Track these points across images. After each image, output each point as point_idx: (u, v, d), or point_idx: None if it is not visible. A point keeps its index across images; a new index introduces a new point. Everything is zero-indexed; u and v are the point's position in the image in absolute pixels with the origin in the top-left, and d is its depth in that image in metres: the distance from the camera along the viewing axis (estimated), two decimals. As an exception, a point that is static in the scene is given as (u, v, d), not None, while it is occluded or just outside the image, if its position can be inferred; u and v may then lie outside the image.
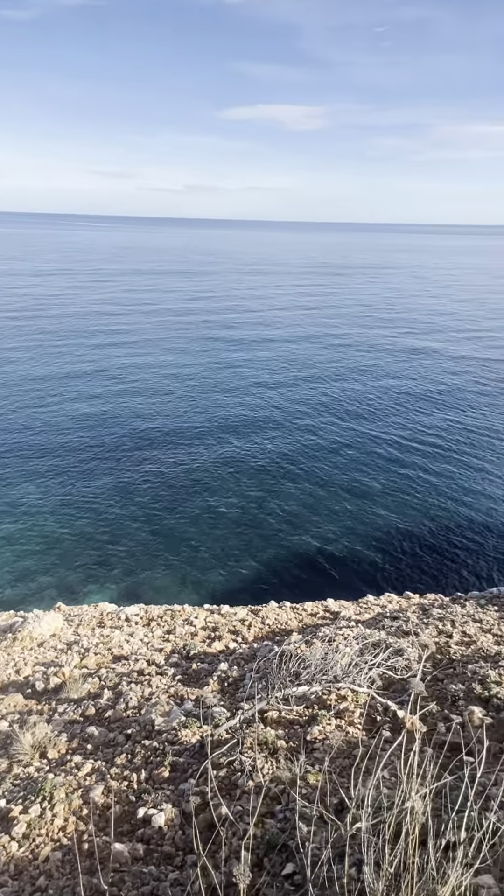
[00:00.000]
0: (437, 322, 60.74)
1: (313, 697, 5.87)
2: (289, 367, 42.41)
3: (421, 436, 28.95)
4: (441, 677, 6.17)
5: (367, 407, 33.48)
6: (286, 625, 10.81)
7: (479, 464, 25.64)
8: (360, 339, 51.77)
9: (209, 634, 10.35)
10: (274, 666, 6.32)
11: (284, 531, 20.99)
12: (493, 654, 6.49)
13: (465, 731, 5.12)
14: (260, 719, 5.53)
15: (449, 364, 43.63)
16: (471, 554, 18.94)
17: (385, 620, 8.61)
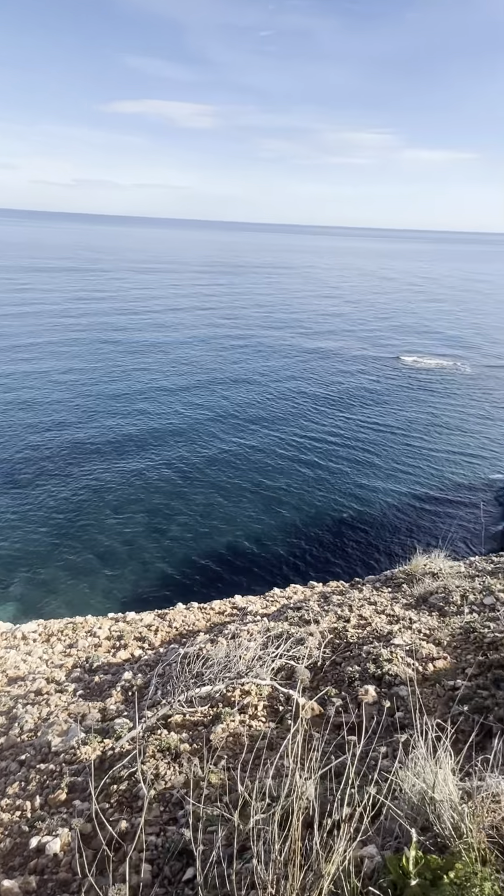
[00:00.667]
0: (330, 323, 63.46)
1: (217, 696, 5.87)
2: (187, 370, 42.18)
3: (317, 435, 30.10)
4: (339, 661, 6.43)
5: (266, 408, 34.18)
6: (194, 626, 10.74)
7: (371, 458, 27.18)
8: (258, 340, 52.72)
9: (114, 644, 10.01)
10: (177, 669, 6.25)
11: (192, 534, 20.88)
12: (386, 633, 6.88)
13: (360, 709, 5.38)
14: (163, 725, 5.44)
15: (343, 364, 45.77)
16: (367, 541, 20.05)
17: (289, 612, 8.83)
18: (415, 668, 5.83)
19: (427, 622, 7.29)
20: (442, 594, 8.24)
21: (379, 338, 56.80)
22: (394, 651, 6.19)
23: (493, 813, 2.58)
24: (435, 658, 6.03)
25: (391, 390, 38.49)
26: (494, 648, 5.89)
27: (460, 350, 54.14)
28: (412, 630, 7.02)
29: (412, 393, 37.94)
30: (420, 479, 24.78)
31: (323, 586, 13.15)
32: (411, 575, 9.76)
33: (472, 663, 5.77)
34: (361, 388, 39.12)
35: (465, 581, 8.71)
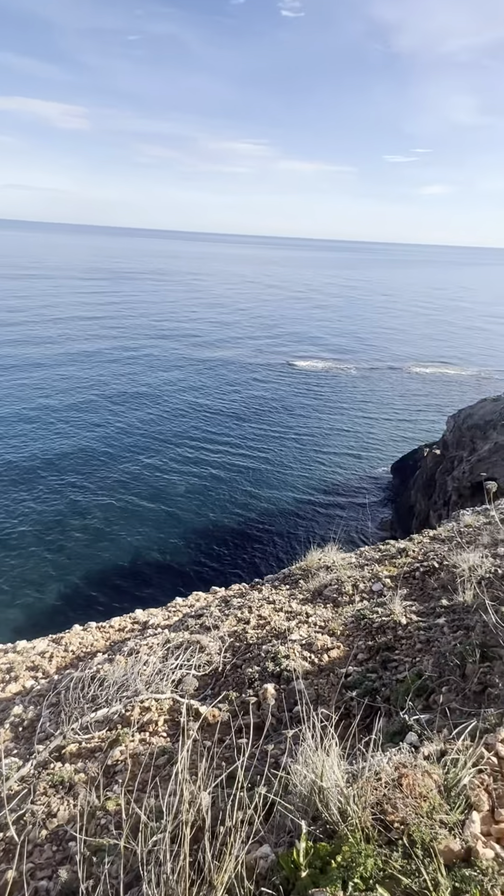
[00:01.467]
0: (220, 331, 64.15)
1: (116, 717, 5.64)
2: (70, 386, 40.45)
3: (214, 444, 30.28)
4: (240, 663, 6.46)
5: (159, 421, 33.76)
6: (92, 647, 10.25)
7: (267, 463, 27.88)
8: (147, 352, 51.91)
9: (3, 678, 9.26)
10: (71, 695, 5.91)
11: (89, 550, 20.00)
12: (284, 630, 7.03)
13: (261, 709, 5.44)
14: (57, 758, 5.11)
15: (234, 373, 46.51)
16: (267, 542, 20.50)
17: (189, 620, 8.73)
18: (311, 661, 6.01)
19: (322, 614, 7.56)
20: (335, 586, 8.60)
21: (268, 345, 58.45)
22: (291, 647, 6.34)
23: (376, 790, 2.71)
24: (329, 648, 6.27)
25: (282, 396, 39.75)
26: (382, 632, 6.25)
27: (344, 353, 57.34)
28: (308, 624, 7.25)
29: (302, 397, 39.48)
30: (313, 478, 25.84)
31: (225, 591, 13.17)
32: (307, 570, 10.09)
33: (362, 649, 6.07)
34: (253, 395, 39.98)
35: (356, 571, 9.17)
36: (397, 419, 39.30)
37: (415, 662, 5.11)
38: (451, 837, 2.47)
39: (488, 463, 29.01)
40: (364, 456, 29.65)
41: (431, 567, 8.20)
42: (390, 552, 9.85)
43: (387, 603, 7.13)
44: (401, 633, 6.05)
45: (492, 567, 7.03)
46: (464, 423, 33.40)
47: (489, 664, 4.16)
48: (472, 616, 5.27)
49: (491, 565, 7.14)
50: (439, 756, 3.06)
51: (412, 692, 4.16)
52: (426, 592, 7.48)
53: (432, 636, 5.64)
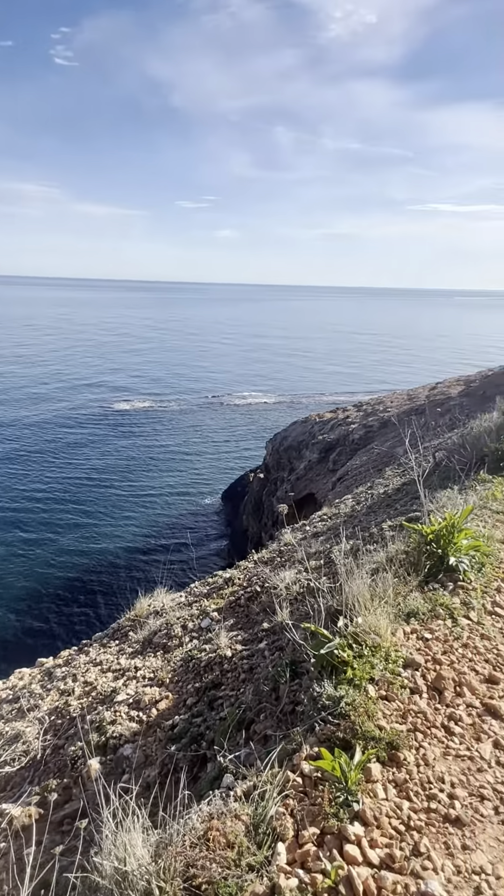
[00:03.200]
0: (31, 382, 60.08)
1: None
2: None
3: (31, 498, 27.94)
4: (61, 744, 5.84)
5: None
6: None
7: (90, 513, 26.55)
8: None
9: None
10: None
11: None
12: (111, 692, 6.57)
13: (86, 790, 4.94)
14: None
15: (53, 423, 43.78)
16: (98, 597, 19.35)
17: (3, 707, 7.69)
18: (139, 720, 5.68)
19: (152, 664, 7.26)
20: (165, 630, 8.36)
21: (82, 392, 56.35)
22: (118, 710, 5.93)
23: (183, 854, 2.57)
24: (158, 700, 6.00)
25: (102, 441, 38.46)
26: (209, 670, 6.19)
27: (161, 392, 57.89)
28: (137, 679, 6.88)
29: (123, 440, 38.68)
30: (144, 520, 25.25)
31: (53, 660, 11.98)
32: (136, 619, 9.66)
33: (191, 692, 5.93)
34: (71, 444, 38.01)
35: (185, 610, 9.05)
36: (222, 450, 40.66)
37: (238, 695, 5.13)
38: (256, 881, 2.43)
39: (306, 480, 31.48)
40: (194, 490, 29.99)
41: (254, 592, 8.44)
42: (217, 584, 9.94)
43: (213, 638, 7.12)
44: (227, 666, 6.05)
45: (305, 581, 7.48)
46: (280, 446, 35.90)
47: (298, 681, 4.33)
48: (285, 636, 5.49)
49: (304, 580, 7.60)
50: (250, 793, 3.04)
51: (232, 727, 4.14)
52: (251, 618, 7.65)
53: (255, 663, 5.74)
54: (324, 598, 5.03)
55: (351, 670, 3.79)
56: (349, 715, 3.36)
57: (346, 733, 3.28)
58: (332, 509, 13.38)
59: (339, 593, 5.17)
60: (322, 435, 32.10)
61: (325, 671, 3.98)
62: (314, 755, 3.15)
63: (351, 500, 13.82)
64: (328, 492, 23.90)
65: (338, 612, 4.77)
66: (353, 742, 3.19)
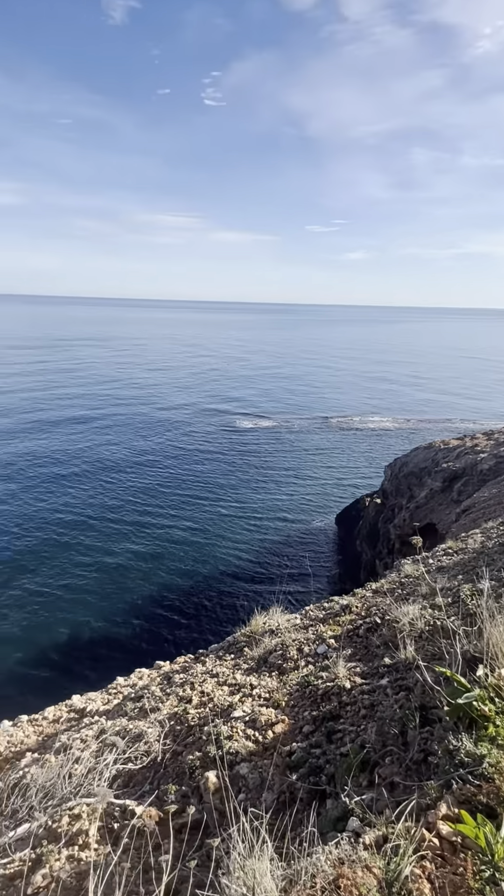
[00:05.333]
0: (164, 395, 64.22)
1: (41, 831, 5.03)
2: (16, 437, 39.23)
3: (153, 508, 29.65)
4: (180, 750, 6.01)
5: (95, 488, 32.86)
6: (22, 745, 9.29)
7: (212, 525, 27.47)
8: (85, 419, 50.94)
9: None
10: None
11: (21, 624, 18.60)
12: (227, 706, 6.65)
13: (203, 801, 5.02)
14: (-30, 893, 4.45)
15: (174, 435, 46.38)
16: (213, 608, 19.85)
17: (128, 704, 8.13)
18: (255, 739, 5.67)
19: (267, 684, 7.25)
20: (280, 651, 8.32)
21: (208, 408, 58.98)
22: (234, 726, 5.98)
23: (311, 891, 2.48)
24: (274, 723, 5.96)
25: (222, 458, 39.83)
26: (327, 699, 6.03)
27: (282, 412, 58.78)
28: (253, 697, 6.91)
29: (242, 458, 39.76)
30: (258, 538, 25.64)
31: (170, 664, 12.48)
32: (252, 636, 9.75)
33: (308, 720, 5.81)
34: (194, 459, 39.87)
35: (301, 633, 8.95)
36: (337, 472, 40.14)
37: (359, 731, 4.92)
38: (392, 945, 2.27)
39: (426, 509, 29.90)
40: (307, 511, 29.91)
41: (374, 623, 8.12)
42: (334, 610, 9.73)
43: (331, 666, 6.94)
44: (345, 698, 5.85)
45: (430, 619, 7.04)
46: (400, 472, 34.55)
47: (429, 728, 4.05)
48: (412, 675, 5.18)
49: (430, 617, 7.16)
50: (381, 843, 2.87)
51: (355, 767, 3.96)
52: (370, 651, 7.35)
53: (376, 699, 5.48)
54: (459, 641, 4.68)
55: (493, 727, 3.46)
56: (493, 778, 3.05)
57: (489, 798, 2.98)
58: (459, 543, 12.52)
59: (476, 638, 4.78)
60: (447, 462, 30.37)
61: (462, 723, 3.68)
62: (453, 817, 2.90)
63: (480, 535, 12.85)
64: (451, 523, 22.47)
65: (475, 659, 4.40)
66: (500, 810, 2.88)
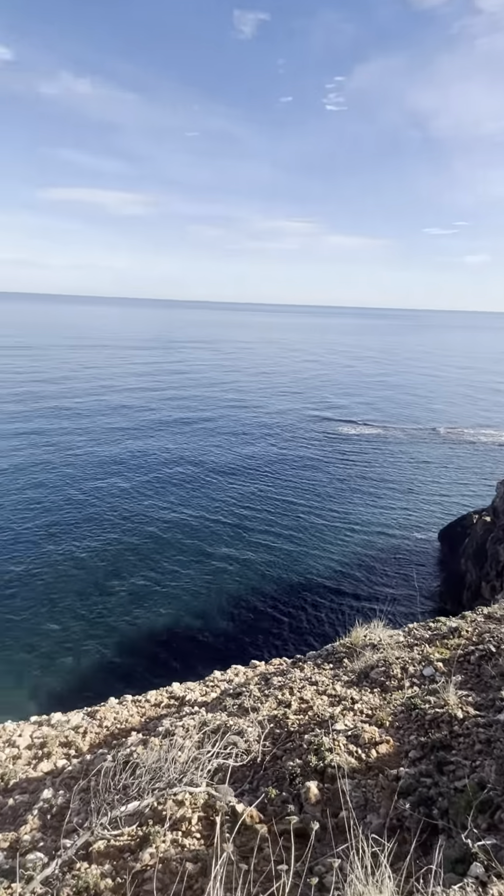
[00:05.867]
0: (276, 398, 64.82)
1: (147, 811, 5.28)
2: (130, 436, 41.83)
3: (267, 498, 30.11)
4: (280, 754, 6.02)
5: (198, 485, 33.99)
6: (127, 723, 9.86)
7: (312, 528, 27.32)
8: (194, 418, 52.86)
9: (35, 754, 8.96)
10: (101, 783, 5.60)
11: (128, 613, 19.75)
12: (327, 717, 6.55)
13: (303, 811, 4.98)
14: (84, 856, 4.77)
15: (279, 438, 46.71)
16: (310, 614, 19.70)
17: (227, 699, 8.30)
18: (357, 756, 5.52)
19: (369, 701, 7.04)
20: (382, 668, 8.05)
21: (313, 412, 58.70)
22: (336, 738, 5.87)
23: (438, 941, 2.34)
24: (378, 742, 5.76)
25: (326, 463, 39.46)
26: (436, 726, 5.72)
27: (389, 419, 57.02)
28: (354, 711, 6.74)
29: (346, 464, 39.14)
30: (358, 546, 25.09)
31: (265, 666, 12.59)
32: (352, 648, 9.53)
33: (415, 745, 5.55)
34: (297, 462, 39.88)
35: (405, 651, 8.59)
36: (443, 485, 38.18)
37: (475, 767, 4.60)
38: None
39: (544, 531, 27.50)
40: (408, 523, 28.74)
41: (488, 651, 7.58)
42: (441, 631, 9.22)
43: (439, 691, 6.58)
44: (457, 728, 5.51)
45: None
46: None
47: None
48: (539, 715, 4.76)
49: None
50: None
51: (474, 807, 3.71)
52: (483, 681, 6.87)
53: (493, 735, 5.11)
54: None
55: None
56: None
57: None
58: None
59: None
60: None
61: None
62: None
63: None
64: None
65: None
66: None
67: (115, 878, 4.34)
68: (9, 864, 5.10)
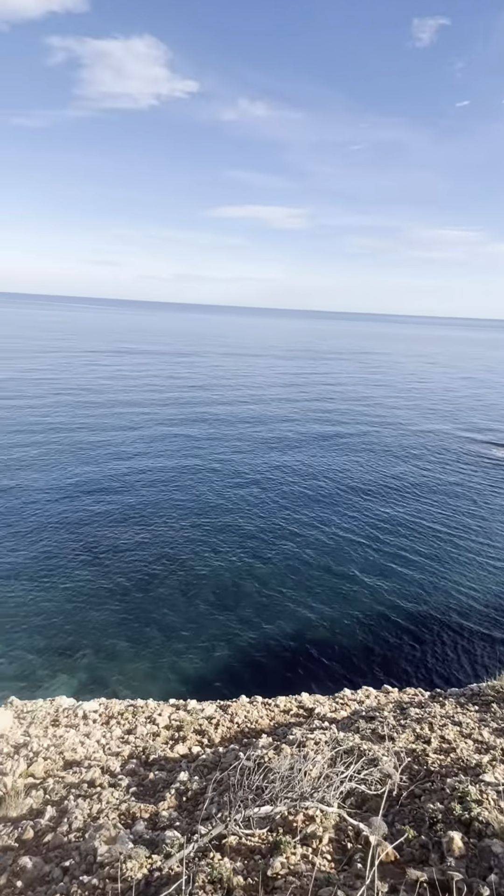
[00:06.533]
0: (412, 417, 61.71)
1: (278, 818, 5.29)
2: (270, 447, 42.94)
3: (408, 521, 28.80)
4: (418, 793, 5.65)
5: (352, 491, 33.50)
6: (256, 723, 10.04)
7: (460, 553, 25.40)
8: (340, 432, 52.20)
9: (172, 735, 9.54)
10: (236, 779, 5.74)
11: (261, 616, 20.17)
12: (474, 764, 6.00)
13: (444, 861, 4.60)
14: (216, 847, 4.92)
15: (433, 458, 44.27)
16: (454, 645, 18.29)
17: (360, 721, 8.03)
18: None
19: (524, 756, 6.30)
20: (541, 722, 7.18)
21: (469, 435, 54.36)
22: (484, 790, 5.35)
23: None
24: (535, 806, 5.12)
25: (478, 491, 36.40)
26: None
27: None
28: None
29: (491, 491, 35.84)
30: (494, 582, 22.79)
31: (399, 693, 12.00)
32: (502, 693, 8.65)
33: None
34: (450, 483, 37.46)
35: None
36: None
37: None
38: None
39: None
40: None
41: None
42: None
43: None
44: None
45: None
46: None
47: None
48: None
49: None
50: None
51: None
52: None
53: None
54: None
55: None
56: None
57: None
58: None
59: None
60: None
61: None
62: None
63: None
64: None
65: None
66: None
67: (247, 878, 4.40)
68: (149, 835, 5.46)
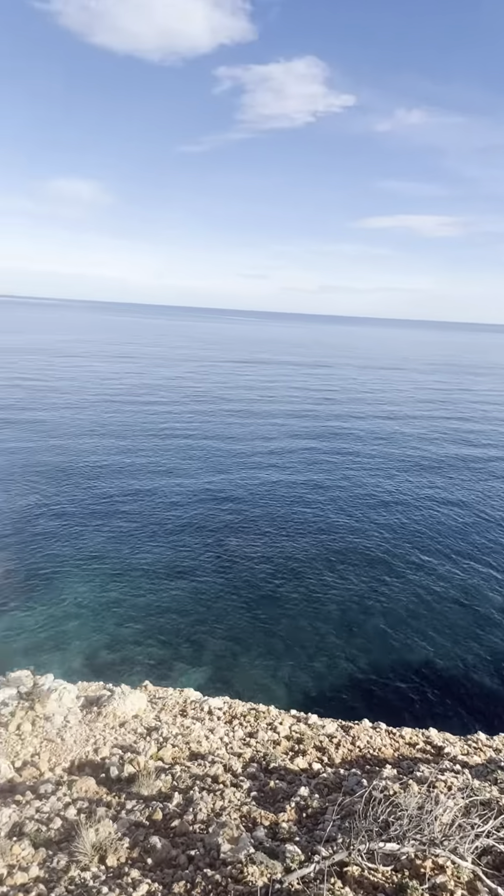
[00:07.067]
0: None
1: (404, 859, 5.00)
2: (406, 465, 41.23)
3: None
4: None
5: (492, 522, 30.92)
6: (379, 752, 9.63)
7: None
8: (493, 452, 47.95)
9: (293, 746, 9.52)
10: (360, 807, 5.54)
11: (384, 642, 19.34)
12: None
13: None
14: (338, 873, 4.79)
15: None
16: None
17: (499, 772, 7.32)
18: None
19: None
20: None
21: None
22: None
23: None
24: None
25: None
26: None
27: None
28: None
29: None
30: None
31: None
32: None
33: None
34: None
35: None
36: None
37: None
38: None
39: None
40: None
41: None
42: None
43: None
44: None
45: None
46: None
47: None
48: None
49: None
50: None
51: None
52: None
53: None
54: None
55: None
56: None
57: None
58: None
59: None
60: None
61: None
62: None
63: None
64: None
65: None
66: None
67: (370, 915, 4.22)
68: (269, 844, 5.48)
